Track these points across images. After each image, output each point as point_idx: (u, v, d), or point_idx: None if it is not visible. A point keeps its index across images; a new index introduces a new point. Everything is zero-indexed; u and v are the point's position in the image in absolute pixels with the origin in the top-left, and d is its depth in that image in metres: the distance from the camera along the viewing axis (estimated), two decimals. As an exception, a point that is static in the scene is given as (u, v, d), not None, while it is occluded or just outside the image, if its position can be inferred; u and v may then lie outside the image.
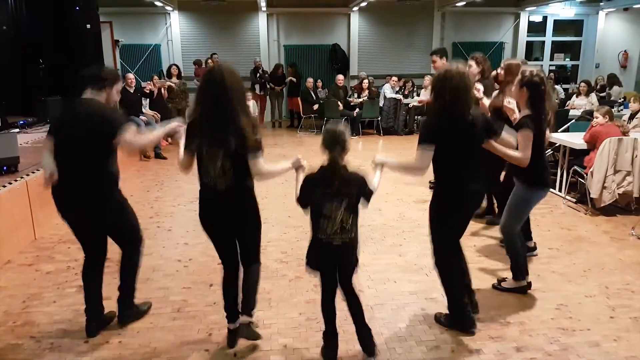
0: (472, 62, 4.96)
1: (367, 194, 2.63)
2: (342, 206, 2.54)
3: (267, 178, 2.75)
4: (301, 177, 2.75)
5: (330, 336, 2.81)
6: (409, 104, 11.00)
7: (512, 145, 3.11)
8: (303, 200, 2.66)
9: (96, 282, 3.13)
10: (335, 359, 2.80)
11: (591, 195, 5.29)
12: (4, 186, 4.28)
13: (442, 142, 2.80)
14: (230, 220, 2.74)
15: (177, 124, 2.95)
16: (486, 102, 4.27)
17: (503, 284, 3.66)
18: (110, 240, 3.11)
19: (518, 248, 3.54)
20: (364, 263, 4.08)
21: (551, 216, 5.30)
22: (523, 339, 3.02)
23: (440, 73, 2.85)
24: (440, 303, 3.42)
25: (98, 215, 2.92)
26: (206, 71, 2.71)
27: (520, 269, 3.57)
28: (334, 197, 2.54)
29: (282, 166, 2.82)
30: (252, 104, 11.05)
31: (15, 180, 4.45)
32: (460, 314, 3.07)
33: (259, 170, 2.64)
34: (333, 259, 2.67)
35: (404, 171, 3.06)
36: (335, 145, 2.54)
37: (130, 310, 3.22)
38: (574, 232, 4.86)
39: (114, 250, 3.15)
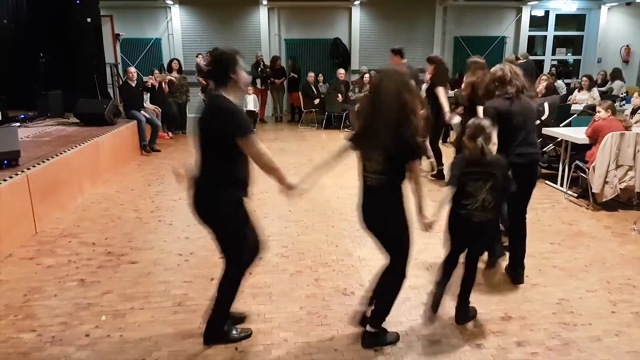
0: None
1: (508, 180, 2.96)
2: (486, 186, 2.86)
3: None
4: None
5: (442, 284, 3.08)
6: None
7: None
8: (453, 178, 2.95)
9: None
10: (438, 307, 3.04)
11: (593, 190, 5.28)
12: (5, 180, 4.27)
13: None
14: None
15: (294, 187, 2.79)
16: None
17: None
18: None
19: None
20: (365, 257, 4.09)
21: (552, 211, 5.30)
22: (524, 334, 3.02)
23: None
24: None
25: (207, 214, 2.75)
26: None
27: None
28: (479, 177, 2.87)
29: None
30: (253, 99, 11.03)
31: (16, 174, 4.44)
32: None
33: None
34: (469, 234, 2.98)
35: None
36: (478, 135, 2.87)
37: (220, 331, 2.95)
38: (576, 227, 4.85)
39: (116, 244, 3.15)
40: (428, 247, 4.22)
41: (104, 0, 9.91)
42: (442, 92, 6.22)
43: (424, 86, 10.70)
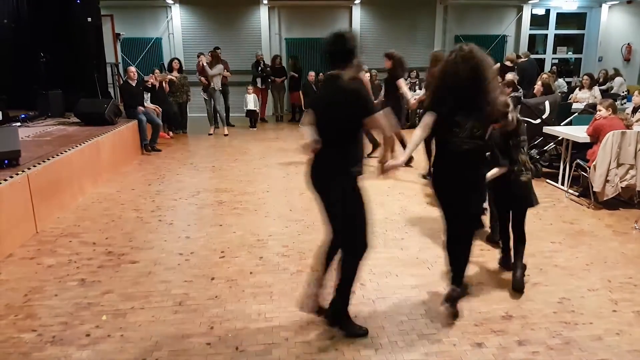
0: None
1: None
2: (524, 151, 3.51)
3: None
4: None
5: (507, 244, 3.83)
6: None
7: None
8: (500, 152, 3.49)
9: (324, 266, 3.06)
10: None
11: (594, 189, 5.27)
12: (5, 180, 4.27)
13: None
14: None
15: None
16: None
17: None
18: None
19: None
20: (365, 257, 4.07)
21: (554, 210, 5.29)
22: (525, 333, 3.01)
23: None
24: (442, 296, 3.42)
25: (330, 192, 2.83)
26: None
27: None
28: (517, 145, 3.50)
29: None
30: (253, 98, 11.02)
31: (17, 174, 4.44)
32: None
33: None
34: (517, 192, 3.54)
35: None
36: (507, 111, 3.37)
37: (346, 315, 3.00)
38: (577, 225, 4.84)
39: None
40: (429, 245, 4.24)
41: (105, -1, 9.93)
42: (402, 83, 6.86)
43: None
